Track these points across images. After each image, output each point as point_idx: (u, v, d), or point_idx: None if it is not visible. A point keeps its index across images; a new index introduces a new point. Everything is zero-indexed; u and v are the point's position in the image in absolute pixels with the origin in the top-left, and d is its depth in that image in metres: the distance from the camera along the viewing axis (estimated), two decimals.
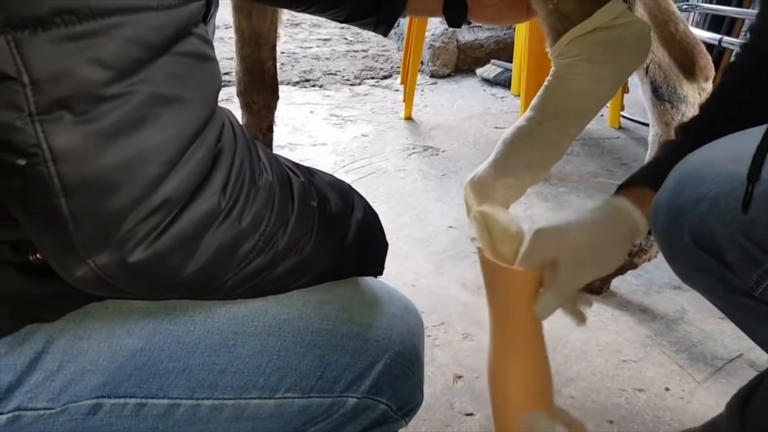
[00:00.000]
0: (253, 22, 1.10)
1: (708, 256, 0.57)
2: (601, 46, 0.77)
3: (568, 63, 0.79)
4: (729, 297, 0.60)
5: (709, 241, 0.56)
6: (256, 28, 1.10)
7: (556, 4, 0.79)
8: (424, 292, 1.21)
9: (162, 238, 0.40)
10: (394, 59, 2.72)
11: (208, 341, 0.49)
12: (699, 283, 0.62)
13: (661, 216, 0.61)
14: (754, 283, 0.55)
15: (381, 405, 0.56)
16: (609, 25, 0.77)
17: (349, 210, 0.57)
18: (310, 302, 0.54)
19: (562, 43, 0.79)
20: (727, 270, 0.57)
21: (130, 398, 0.47)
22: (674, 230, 0.59)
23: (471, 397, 0.96)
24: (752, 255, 0.54)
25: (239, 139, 0.45)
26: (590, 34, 0.77)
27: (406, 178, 1.70)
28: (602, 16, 0.76)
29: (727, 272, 0.57)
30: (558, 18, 0.79)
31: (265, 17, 1.10)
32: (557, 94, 0.79)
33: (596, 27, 0.77)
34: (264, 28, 1.11)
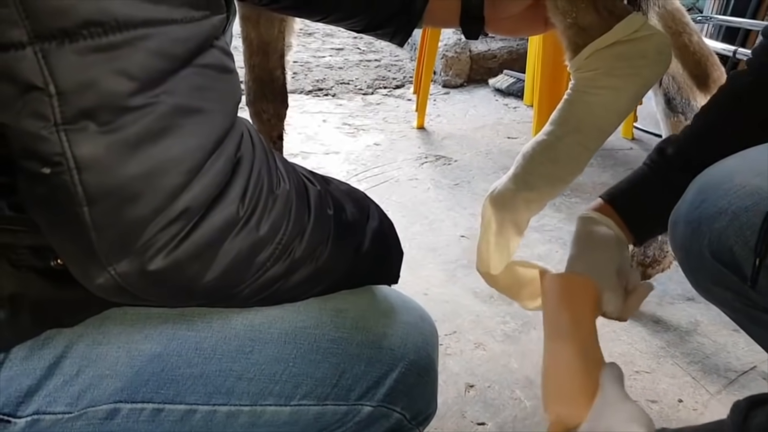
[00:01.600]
0: (261, 32, 1.11)
1: (727, 271, 0.57)
2: (623, 59, 0.76)
3: (588, 77, 0.79)
4: (747, 311, 0.59)
5: (728, 256, 0.56)
6: (264, 37, 1.11)
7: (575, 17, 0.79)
8: (436, 300, 1.21)
9: (181, 246, 0.40)
10: (407, 69, 2.73)
11: (225, 347, 0.50)
12: (717, 297, 0.61)
13: (679, 228, 0.61)
14: None
15: (395, 414, 0.56)
16: (630, 38, 0.76)
17: (365, 219, 0.58)
18: (326, 310, 0.54)
19: (582, 56, 0.79)
20: (746, 285, 0.56)
21: (148, 403, 0.48)
22: (693, 243, 0.59)
23: (483, 406, 0.96)
24: None
25: (258, 148, 0.45)
26: (611, 47, 0.77)
27: (418, 187, 1.71)
28: (623, 30, 0.76)
29: (747, 289, 0.57)
30: (577, 31, 0.79)
31: (273, 26, 1.11)
32: (577, 108, 0.79)
33: (617, 40, 0.76)
34: (272, 37, 1.11)
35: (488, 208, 0.81)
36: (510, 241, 0.83)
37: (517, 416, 0.94)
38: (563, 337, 0.70)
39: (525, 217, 0.83)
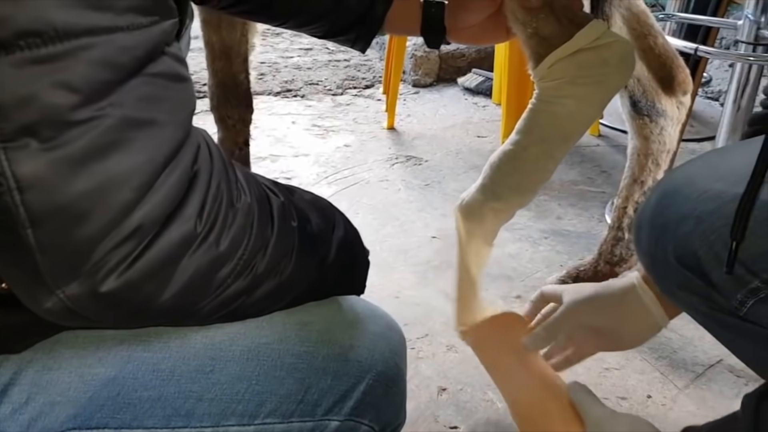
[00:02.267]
0: (222, 36, 1.08)
1: (692, 275, 0.57)
2: (585, 68, 0.76)
3: (552, 86, 0.78)
4: (714, 315, 0.59)
5: (693, 261, 0.56)
6: (226, 41, 1.09)
7: (535, 27, 0.79)
8: (408, 303, 1.20)
9: (135, 266, 0.39)
10: (377, 69, 2.71)
11: (184, 368, 0.48)
12: (683, 301, 0.62)
13: (644, 233, 0.61)
14: (738, 302, 0.55)
15: (363, 426, 0.55)
16: (592, 46, 0.76)
17: (330, 229, 0.56)
18: (290, 324, 0.53)
19: (544, 66, 0.78)
20: (711, 289, 0.57)
21: (103, 429, 0.46)
22: (658, 248, 0.59)
23: (455, 409, 0.96)
24: (737, 274, 0.53)
25: (216, 160, 0.44)
26: (573, 56, 0.76)
27: (389, 188, 1.70)
28: (584, 38, 0.76)
29: (711, 291, 0.57)
30: (539, 41, 0.79)
31: (235, 30, 1.09)
32: (542, 117, 0.79)
33: (579, 48, 0.76)
34: (234, 41, 1.09)
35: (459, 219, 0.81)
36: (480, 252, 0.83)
37: (489, 419, 0.94)
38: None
39: (494, 227, 0.83)
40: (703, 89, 2.47)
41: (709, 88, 2.49)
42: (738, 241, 0.50)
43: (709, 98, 2.47)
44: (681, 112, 1.14)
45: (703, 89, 2.46)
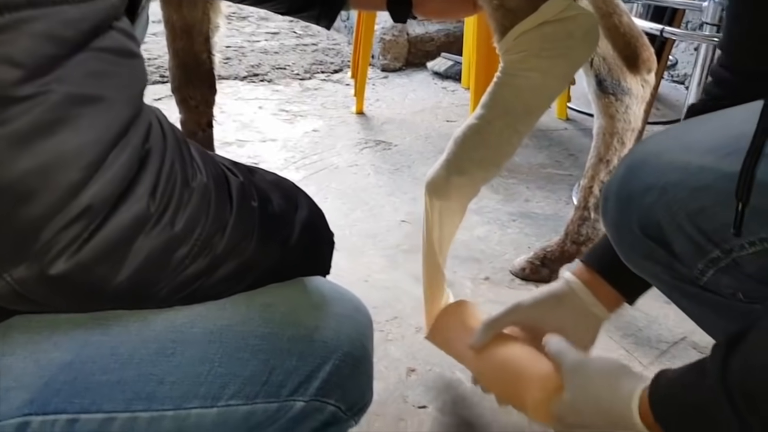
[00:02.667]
0: (183, 14, 1.06)
1: (655, 245, 0.58)
2: (550, 40, 0.76)
3: (516, 59, 0.78)
4: (676, 285, 0.61)
5: (656, 231, 0.57)
6: (187, 19, 1.06)
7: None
8: (377, 287, 1.20)
9: (86, 247, 0.37)
10: (345, 53, 2.69)
11: (143, 351, 0.47)
12: (647, 271, 0.63)
13: (610, 204, 0.61)
14: (699, 272, 0.56)
15: (329, 407, 0.55)
16: (556, 18, 0.76)
17: (292, 209, 0.56)
18: (254, 306, 0.52)
19: (509, 38, 0.78)
20: (674, 259, 0.58)
21: (61, 414, 0.45)
22: (623, 219, 0.60)
23: (424, 389, 0.96)
24: (698, 244, 0.54)
25: (169, 139, 0.43)
26: (538, 28, 0.77)
27: (358, 173, 1.69)
28: (549, 10, 0.76)
29: (674, 261, 0.58)
30: (504, 13, 0.79)
31: (196, 8, 1.06)
32: (506, 91, 0.79)
33: (543, 21, 0.76)
34: (196, 20, 1.06)
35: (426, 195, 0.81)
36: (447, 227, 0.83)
37: (457, 397, 0.95)
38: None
39: (460, 202, 0.83)
40: (669, 73, 2.51)
41: (675, 71, 2.53)
42: (744, 202, 0.50)
43: (675, 81, 2.51)
44: (646, 91, 1.16)
45: (668, 72, 2.50)
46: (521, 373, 0.71)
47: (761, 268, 0.54)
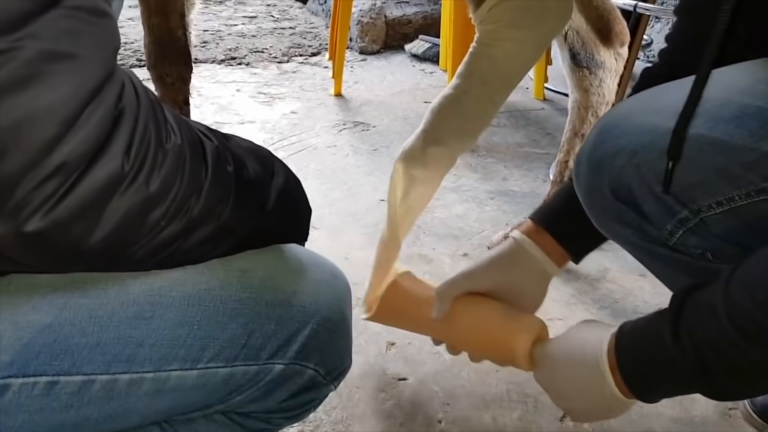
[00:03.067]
0: None
1: (626, 208, 0.59)
2: (524, 10, 0.77)
3: (491, 29, 0.79)
4: (646, 247, 0.62)
5: (627, 193, 0.58)
6: None
7: None
8: (357, 264, 1.21)
9: (61, 204, 0.38)
10: (323, 36, 2.68)
11: (122, 314, 0.48)
12: (618, 234, 0.64)
13: (582, 168, 0.62)
14: (669, 233, 0.58)
15: (309, 370, 0.56)
16: None
17: (268, 176, 0.56)
18: (232, 271, 0.53)
19: (484, 9, 0.79)
20: (644, 220, 0.59)
21: (41, 377, 0.45)
22: (594, 183, 0.61)
23: (403, 362, 0.98)
24: (667, 205, 0.56)
25: (142, 99, 0.43)
26: None
27: (337, 153, 1.69)
28: None
29: (644, 223, 0.59)
30: None
31: None
32: (482, 60, 0.79)
33: None
34: None
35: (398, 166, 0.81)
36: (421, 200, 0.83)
37: (437, 369, 0.97)
38: None
39: (436, 173, 0.84)
40: (644, 52, 2.53)
41: (650, 51, 2.55)
42: (674, 161, 0.52)
43: (651, 62, 2.54)
44: (619, 64, 1.17)
45: (644, 52, 2.53)
46: (504, 325, 0.72)
47: (727, 227, 0.55)
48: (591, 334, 0.61)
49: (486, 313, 0.75)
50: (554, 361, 0.64)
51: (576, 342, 0.62)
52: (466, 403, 0.91)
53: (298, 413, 0.59)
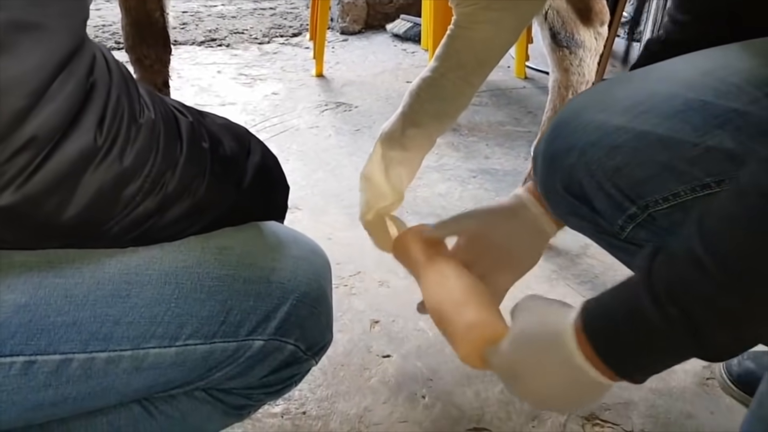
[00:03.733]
0: None
1: (579, 203, 0.60)
2: None
3: (468, 12, 0.79)
4: (602, 238, 0.63)
5: (578, 189, 0.59)
6: None
7: None
8: (341, 244, 1.21)
9: (33, 179, 0.37)
10: (303, 17, 2.65)
11: (98, 293, 0.47)
12: (575, 226, 0.65)
13: (538, 164, 0.63)
14: (619, 227, 0.59)
15: (289, 346, 0.56)
16: None
17: (245, 153, 0.56)
18: (209, 248, 0.53)
19: None
20: (596, 215, 0.59)
21: (18, 356, 0.45)
22: (549, 178, 0.62)
23: (387, 339, 0.98)
24: (617, 201, 0.56)
25: (115, 74, 0.42)
26: None
27: (319, 134, 1.69)
28: None
29: (597, 217, 0.60)
30: None
31: None
32: (459, 43, 0.79)
33: None
34: None
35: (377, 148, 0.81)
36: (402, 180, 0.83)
37: (420, 346, 0.97)
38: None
39: (416, 154, 0.84)
40: (624, 29, 2.53)
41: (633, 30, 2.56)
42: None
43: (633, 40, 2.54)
44: (599, 43, 1.18)
45: (623, 29, 2.53)
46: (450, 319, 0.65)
47: (675, 222, 0.56)
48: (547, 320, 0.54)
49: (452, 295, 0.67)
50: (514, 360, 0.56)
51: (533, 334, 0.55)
52: (450, 378, 0.92)
53: (279, 389, 0.60)
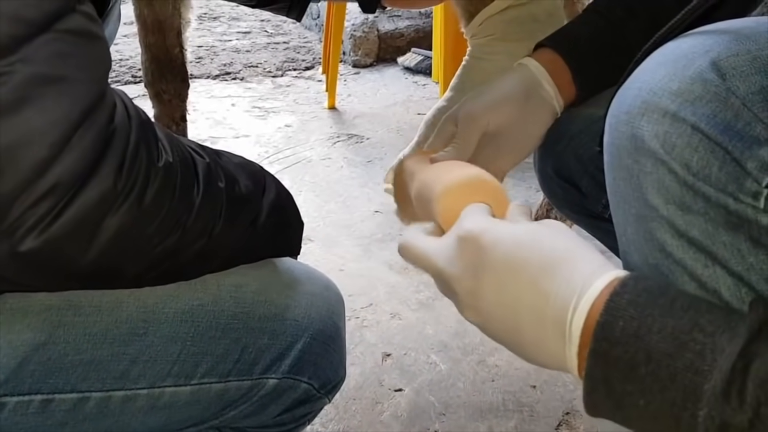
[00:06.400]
0: (155, 9, 1.07)
1: (568, 186, 0.65)
2: (515, 24, 0.78)
3: (483, 43, 0.80)
4: (589, 221, 0.68)
5: (567, 173, 0.64)
6: (158, 15, 1.07)
7: None
8: (352, 275, 1.21)
9: (55, 224, 0.38)
10: (316, 50, 2.70)
11: (116, 331, 0.48)
12: (566, 211, 0.71)
13: (534, 153, 0.69)
14: (603, 206, 0.63)
15: (303, 384, 0.56)
16: (521, 2, 0.78)
17: (260, 191, 0.57)
18: (225, 286, 0.54)
19: (475, 23, 0.80)
20: (583, 197, 0.64)
21: (36, 395, 0.46)
22: (542, 163, 0.67)
23: (400, 373, 0.98)
24: (600, 183, 0.58)
25: (134, 119, 0.44)
26: (502, 13, 0.79)
27: (331, 166, 1.70)
28: None
29: (583, 199, 0.64)
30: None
31: (167, 3, 1.07)
32: (474, 74, 0.81)
33: (508, 6, 0.78)
34: (167, 15, 1.07)
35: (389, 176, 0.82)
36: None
37: (433, 379, 0.97)
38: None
39: None
40: None
41: None
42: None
43: None
44: None
45: None
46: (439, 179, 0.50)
47: None
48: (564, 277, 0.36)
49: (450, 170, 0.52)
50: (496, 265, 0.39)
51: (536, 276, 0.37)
52: (462, 413, 0.91)
53: (292, 427, 0.60)
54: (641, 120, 0.40)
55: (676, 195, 0.38)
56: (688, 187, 0.37)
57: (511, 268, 0.38)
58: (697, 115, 0.37)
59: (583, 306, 0.34)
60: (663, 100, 0.39)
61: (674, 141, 0.38)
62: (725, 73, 0.38)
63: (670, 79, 0.39)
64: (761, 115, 0.36)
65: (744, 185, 0.35)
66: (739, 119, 0.36)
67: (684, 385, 0.30)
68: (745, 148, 0.36)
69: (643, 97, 0.40)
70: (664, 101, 0.39)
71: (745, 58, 0.38)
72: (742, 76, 0.37)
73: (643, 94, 0.40)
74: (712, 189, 0.36)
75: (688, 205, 0.37)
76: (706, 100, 0.38)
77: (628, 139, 0.41)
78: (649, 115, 0.40)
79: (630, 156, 0.41)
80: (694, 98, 0.38)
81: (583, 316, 0.34)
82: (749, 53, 0.38)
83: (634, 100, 0.41)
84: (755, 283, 0.36)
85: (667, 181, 0.38)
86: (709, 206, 0.37)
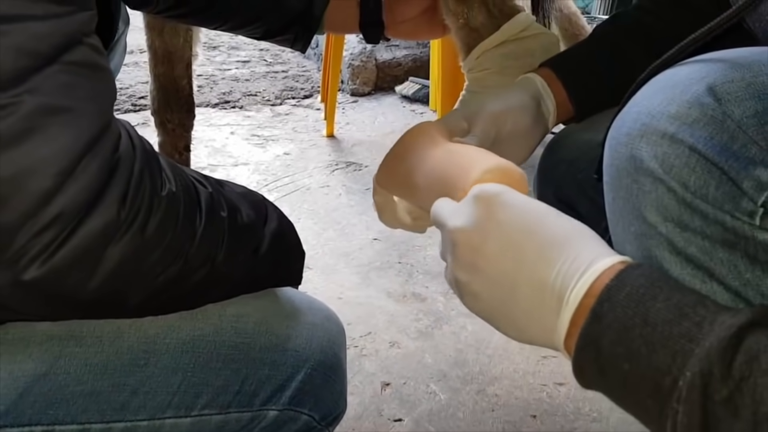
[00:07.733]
0: (165, 40, 1.09)
1: (567, 209, 0.66)
2: (511, 58, 0.80)
3: (480, 76, 0.81)
4: None
5: (567, 197, 0.66)
6: (169, 46, 1.09)
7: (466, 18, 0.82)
8: (351, 303, 1.21)
9: (58, 253, 0.39)
10: (315, 79, 2.73)
11: (117, 362, 0.48)
12: None
13: (535, 177, 0.71)
14: (603, 230, 0.64)
15: (303, 416, 0.56)
16: (517, 37, 0.80)
17: (261, 220, 0.57)
18: (226, 316, 0.53)
19: (473, 57, 0.82)
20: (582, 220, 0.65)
21: (35, 426, 0.45)
22: (543, 188, 0.70)
23: (399, 402, 0.97)
24: (599, 207, 0.60)
25: (138, 150, 0.44)
26: (500, 47, 0.80)
27: (329, 194, 1.71)
28: (510, 29, 0.79)
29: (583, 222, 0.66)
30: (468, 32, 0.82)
31: (178, 35, 1.09)
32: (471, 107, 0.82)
33: (505, 40, 0.80)
34: (177, 46, 1.09)
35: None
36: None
37: (432, 409, 0.96)
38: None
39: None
40: None
41: None
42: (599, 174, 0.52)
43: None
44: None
45: None
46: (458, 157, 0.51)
47: None
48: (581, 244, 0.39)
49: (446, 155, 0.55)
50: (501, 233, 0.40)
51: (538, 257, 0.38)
52: None
53: None
54: (640, 141, 0.41)
55: (675, 213, 0.39)
56: (686, 206, 0.39)
57: (521, 229, 0.39)
58: (694, 137, 0.39)
59: (589, 275, 0.35)
60: (661, 123, 0.41)
61: (672, 161, 0.39)
62: (721, 98, 0.39)
63: (669, 103, 0.41)
64: (756, 137, 0.37)
65: (740, 204, 0.37)
66: (735, 141, 0.38)
67: (674, 350, 0.31)
68: (741, 169, 0.37)
69: (643, 120, 0.42)
70: (662, 124, 0.40)
71: (740, 84, 0.40)
72: (737, 101, 0.39)
73: (642, 117, 0.42)
74: (710, 207, 0.38)
75: (686, 222, 0.39)
76: (703, 123, 0.39)
77: (627, 160, 0.42)
78: (648, 137, 0.41)
79: (629, 176, 0.42)
80: (692, 121, 0.39)
81: (588, 283, 0.35)
82: (744, 80, 0.40)
83: (634, 123, 0.43)
84: (752, 299, 0.37)
85: (666, 199, 0.39)
86: (707, 224, 0.38)
